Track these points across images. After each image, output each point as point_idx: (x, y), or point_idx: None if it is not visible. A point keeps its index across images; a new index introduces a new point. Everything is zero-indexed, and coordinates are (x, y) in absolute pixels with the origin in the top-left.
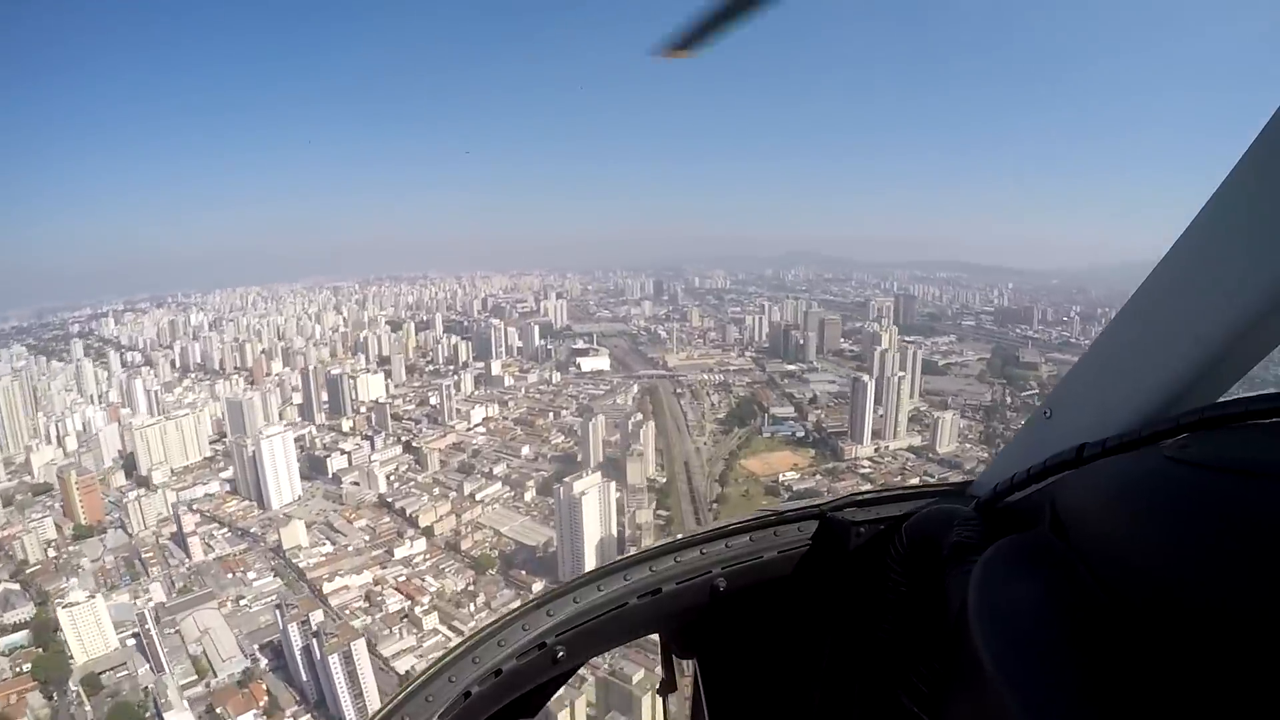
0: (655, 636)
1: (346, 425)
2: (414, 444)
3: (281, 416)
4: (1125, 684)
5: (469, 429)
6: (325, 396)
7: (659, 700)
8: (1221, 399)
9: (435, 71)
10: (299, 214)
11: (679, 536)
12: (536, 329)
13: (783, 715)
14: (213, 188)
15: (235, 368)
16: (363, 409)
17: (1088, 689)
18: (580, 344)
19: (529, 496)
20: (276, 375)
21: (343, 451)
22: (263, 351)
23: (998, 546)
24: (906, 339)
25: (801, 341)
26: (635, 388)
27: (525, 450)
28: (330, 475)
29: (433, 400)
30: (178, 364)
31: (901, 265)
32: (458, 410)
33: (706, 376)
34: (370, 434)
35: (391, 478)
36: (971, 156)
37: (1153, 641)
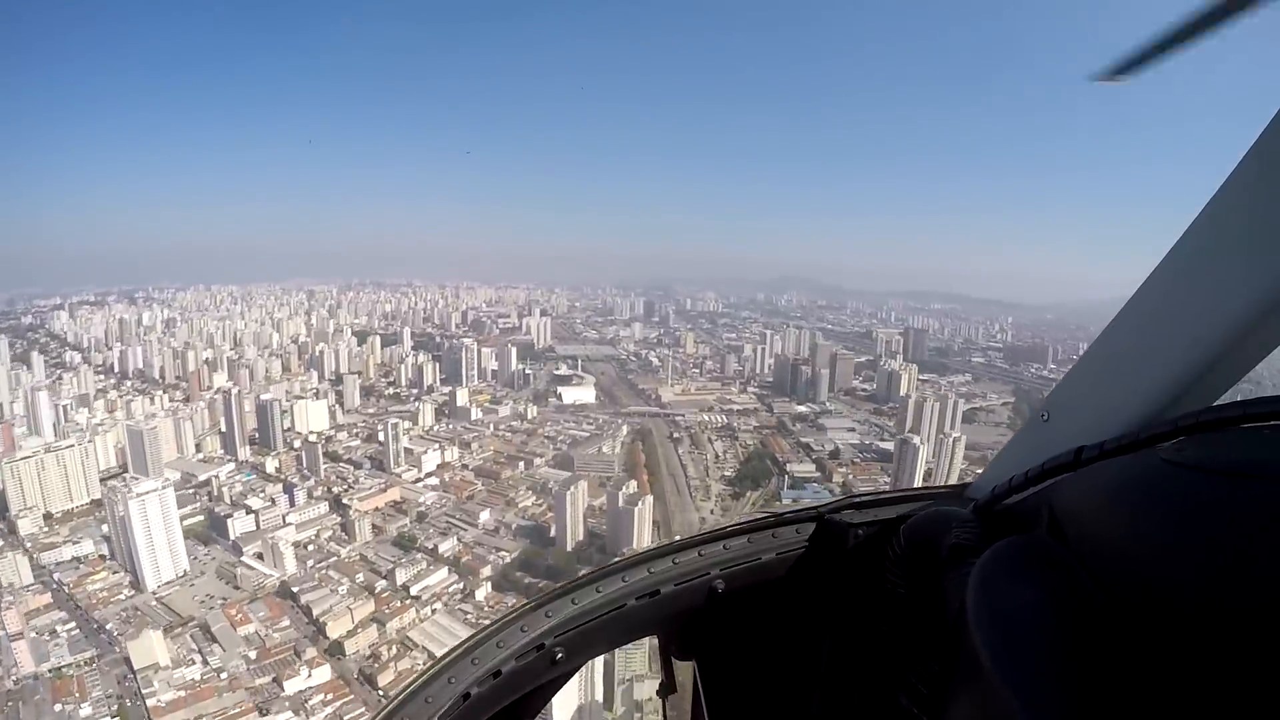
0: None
1: (272, 465)
2: (344, 499)
3: (199, 448)
4: (1123, 685)
5: (418, 479)
6: (255, 424)
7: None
8: (1218, 402)
9: (440, 76)
10: (300, 212)
11: (677, 538)
12: (515, 350)
13: (782, 717)
14: (215, 181)
15: (176, 378)
16: (296, 443)
17: (1086, 690)
18: (563, 369)
19: (481, 595)
20: (217, 390)
21: (249, 510)
22: (205, 361)
23: (996, 549)
24: (922, 377)
25: (810, 376)
26: (625, 429)
27: (484, 516)
28: (231, 541)
29: (381, 436)
30: (116, 369)
31: (895, 294)
32: (407, 451)
33: (707, 416)
34: (294, 481)
35: (309, 547)
36: (963, 183)
37: (1150, 643)
